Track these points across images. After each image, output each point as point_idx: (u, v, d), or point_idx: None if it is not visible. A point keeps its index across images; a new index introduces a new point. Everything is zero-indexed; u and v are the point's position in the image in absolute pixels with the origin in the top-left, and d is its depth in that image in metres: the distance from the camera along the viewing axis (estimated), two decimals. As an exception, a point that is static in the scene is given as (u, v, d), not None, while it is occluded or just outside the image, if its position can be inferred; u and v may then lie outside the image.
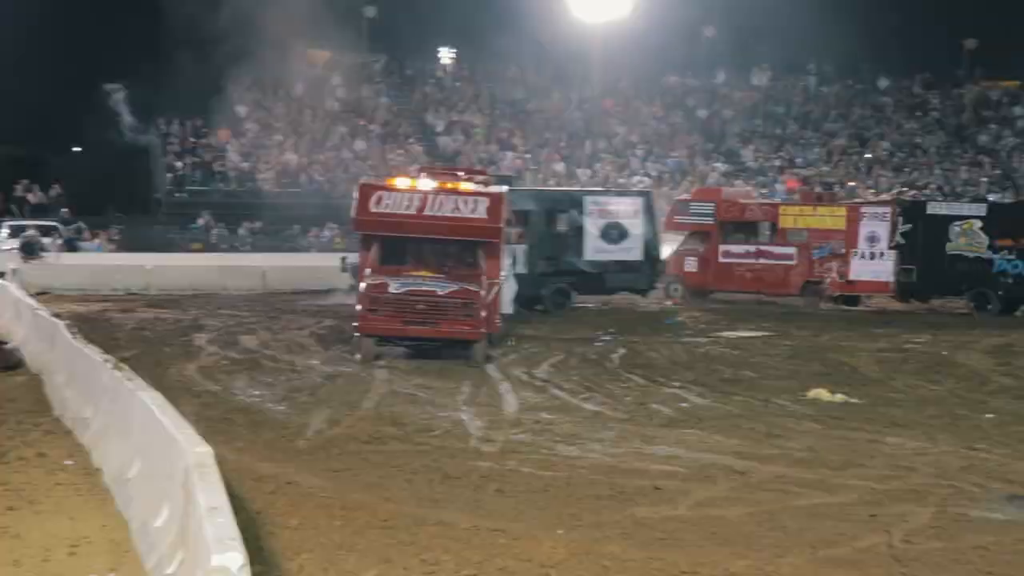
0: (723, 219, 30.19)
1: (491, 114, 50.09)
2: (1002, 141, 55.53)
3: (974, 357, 19.25)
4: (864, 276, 28.25)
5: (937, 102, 58.15)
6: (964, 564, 7.97)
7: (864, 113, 56.25)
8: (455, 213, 18.29)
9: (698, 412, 14.00)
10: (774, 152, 51.26)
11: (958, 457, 11.40)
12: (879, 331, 23.59)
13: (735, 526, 8.84)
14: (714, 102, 54.66)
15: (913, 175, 50.40)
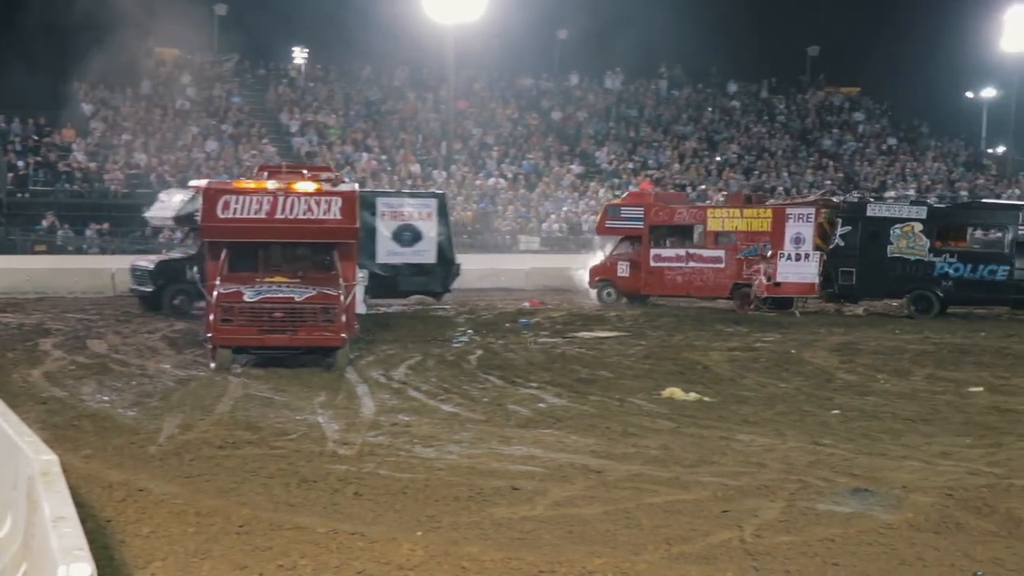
0: (653, 223, 30.33)
1: (346, 115, 49.73)
2: (844, 145, 57.35)
3: (820, 355, 19.79)
4: (790, 278, 28.29)
5: (783, 107, 59.75)
6: (812, 556, 8.17)
7: (714, 117, 57.49)
8: (308, 215, 17.66)
9: (555, 412, 14.10)
10: (628, 154, 51.99)
11: (806, 452, 11.69)
12: (730, 331, 24.10)
13: (592, 524, 8.93)
14: (568, 104, 55.20)
15: (761, 177, 51.69)
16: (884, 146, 58.12)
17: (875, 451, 11.83)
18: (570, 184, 48.05)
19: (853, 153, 56.87)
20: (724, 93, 59.82)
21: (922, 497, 9.68)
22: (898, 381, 17.04)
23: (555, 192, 47.25)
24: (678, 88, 59.14)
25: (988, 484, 10.15)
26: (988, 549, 8.30)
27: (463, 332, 22.98)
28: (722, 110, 58.32)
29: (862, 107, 61.42)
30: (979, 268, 27.24)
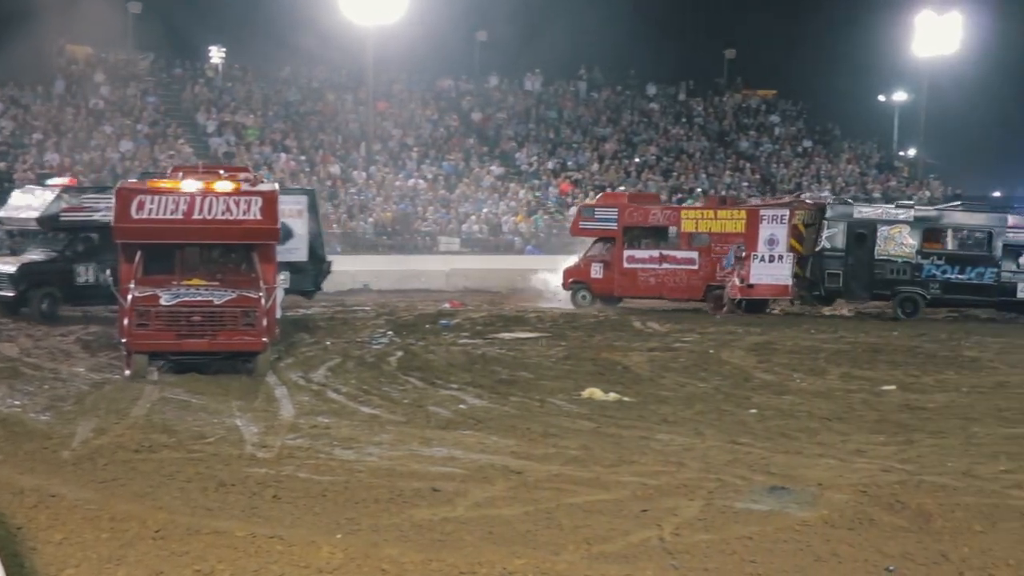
0: (626, 224, 30.08)
1: (264, 115, 49.27)
2: (761, 147, 58.06)
3: (737, 355, 20.01)
4: (764, 280, 28.16)
5: (701, 109, 60.33)
6: (730, 554, 8.25)
7: (633, 119, 57.84)
8: (227, 215, 17.17)
9: (475, 413, 14.10)
10: (547, 155, 52.15)
11: (724, 451, 11.81)
12: (650, 331, 24.28)
13: (512, 525, 8.93)
14: (488, 106, 55.23)
15: (680, 179, 52.13)
16: (800, 148, 58.91)
17: (791, 449, 11.99)
18: (490, 185, 48.07)
19: (770, 155, 57.58)
20: (643, 95, 60.23)
21: (837, 494, 9.82)
22: (814, 380, 17.28)
23: (475, 193, 47.24)
24: (597, 90, 59.44)
25: (900, 481, 10.33)
26: (899, 544, 8.45)
27: (383, 333, 22.88)
28: (641, 112, 58.73)
29: (778, 110, 62.21)
30: (967, 270, 27.69)
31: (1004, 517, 9.14)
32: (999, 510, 9.34)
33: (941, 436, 12.74)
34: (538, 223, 45.69)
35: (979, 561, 8.04)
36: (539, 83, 57.83)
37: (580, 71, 59.67)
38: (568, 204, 47.86)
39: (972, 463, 11.20)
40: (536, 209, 46.83)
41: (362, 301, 31.66)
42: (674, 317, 27.52)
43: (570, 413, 14.23)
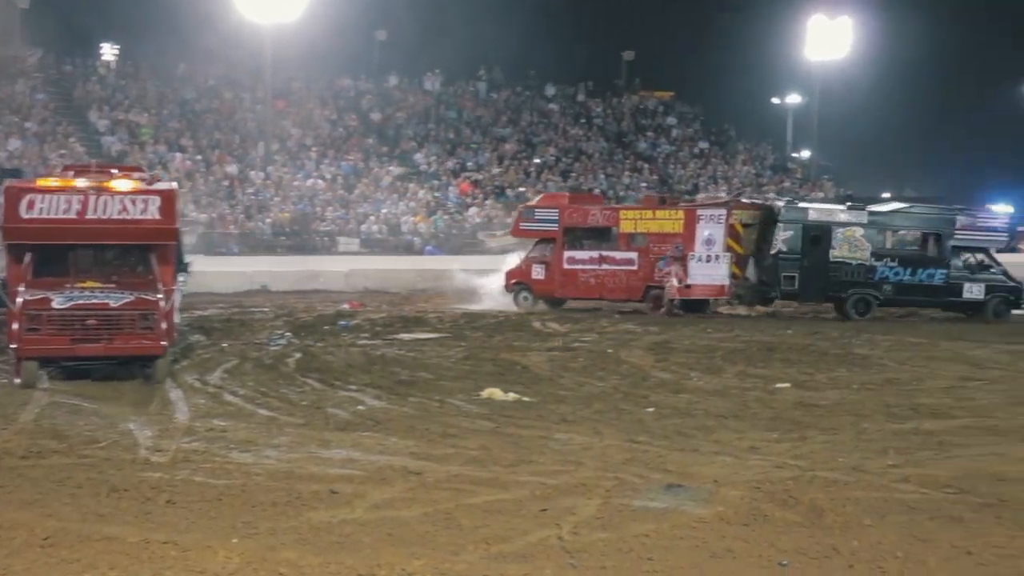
0: (567, 225, 29.94)
1: (159, 113, 48.51)
2: (659, 148, 58.69)
3: (636, 354, 20.18)
4: (700, 280, 28.09)
5: (600, 110, 60.79)
6: (627, 552, 8.32)
7: (532, 119, 58.07)
8: (123, 215, 16.65)
9: (374, 414, 14.03)
10: (447, 156, 52.12)
11: (621, 450, 11.89)
12: (549, 331, 24.38)
13: (411, 526, 8.91)
14: (388, 106, 55.04)
15: (579, 180, 52.46)
16: (696, 149, 59.69)
17: (688, 447, 12.12)
18: (390, 185, 47.92)
19: (667, 156, 58.25)
20: (542, 96, 60.54)
21: (732, 491, 9.95)
22: (710, 379, 17.50)
23: (375, 193, 47.05)
24: (497, 90, 59.61)
25: (793, 477, 10.50)
26: (793, 539, 8.59)
27: (281, 335, 22.67)
28: (540, 113, 59.00)
29: (675, 111, 62.97)
30: (918, 272, 28.14)
31: (892, 510, 9.35)
32: (887, 504, 9.55)
33: (833, 432, 12.98)
34: (438, 223, 45.66)
35: (868, 554, 8.21)
36: (439, 83, 57.81)
37: (480, 71, 59.80)
38: (468, 204, 47.91)
39: (862, 458, 11.43)
40: (436, 209, 46.80)
41: (260, 302, 31.35)
42: (573, 317, 27.68)
43: (469, 413, 14.22)
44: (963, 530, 8.81)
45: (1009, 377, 17.71)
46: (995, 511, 9.34)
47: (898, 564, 8.01)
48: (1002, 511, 9.34)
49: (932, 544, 8.43)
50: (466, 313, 28.16)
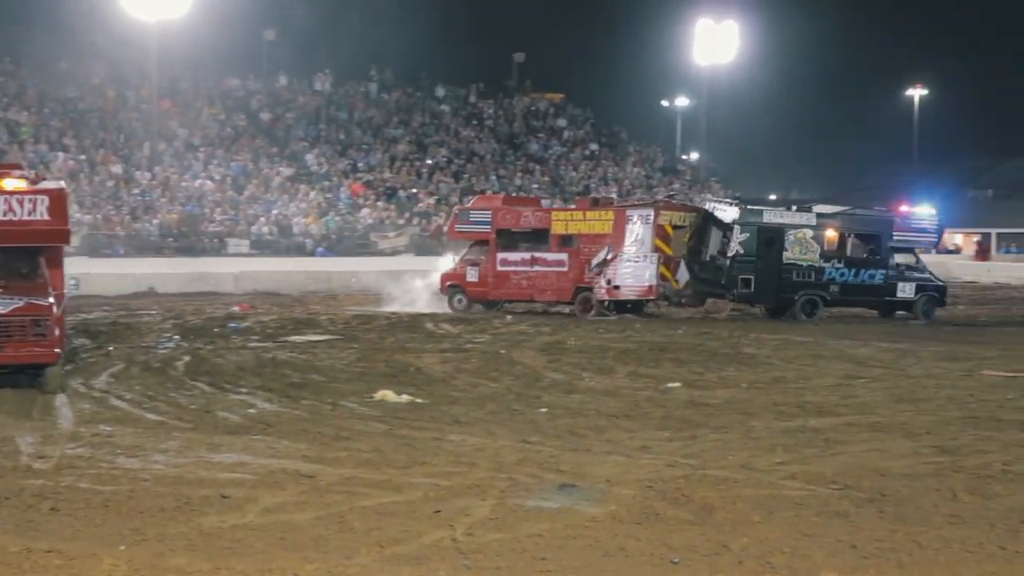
0: (500, 227, 29.73)
1: (39, 112, 47.36)
2: (550, 150, 59.01)
3: (528, 355, 20.26)
4: (628, 281, 27.92)
5: (491, 112, 60.91)
6: (521, 552, 8.34)
7: (424, 120, 57.98)
8: (9, 216, 15.78)
9: (266, 418, 13.88)
10: (338, 157, 51.77)
11: (515, 451, 11.93)
12: (442, 332, 24.36)
13: (304, 530, 8.83)
14: (277, 106, 54.48)
15: (471, 181, 52.51)
16: (587, 151, 60.14)
17: (581, 447, 12.19)
18: (280, 186, 47.44)
19: (559, 157, 58.58)
20: (433, 97, 60.46)
21: (624, 490, 10.04)
22: (602, 379, 17.64)
23: (265, 194, 46.54)
24: (388, 91, 59.37)
25: (684, 475, 10.63)
26: (684, 537, 8.70)
27: (169, 338, 22.31)
28: (432, 114, 58.92)
29: (566, 113, 63.36)
30: (861, 273, 28.50)
31: (780, 507, 9.52)
32: (775, 500, 9.72)
33: (723, 431, 13.17)
34: (329, 224, 45.35)
35: (757, 550, 8.35)
36: (329, 83, 57.43)
37: (371, 72, 59.54)
38: (359, 206, 47.65)
39: (751, 456, 11.61)
40: (327, 211, 46.46)
41: (147, 305, 30.82)
42: (467, 318, 27.70)
43: (362, 416, 14.15)
44: (847, 525, 9.00)
45: (891, 375, 18.16)
46: (878, 506, 9.56)
47: (785, 559, 8.15)
48: (884, 505, 9.56)
49: (818, 539, 8.59)
50: (358, 315, 28.00)
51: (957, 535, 8.66)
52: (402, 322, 26.47)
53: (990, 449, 11.98)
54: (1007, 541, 8.51)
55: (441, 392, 16.15)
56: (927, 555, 8.21)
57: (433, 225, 47.22)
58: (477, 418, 14.04)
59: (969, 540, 8.53)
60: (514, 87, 64.38)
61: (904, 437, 12.69)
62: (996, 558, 8.14)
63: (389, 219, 47.27)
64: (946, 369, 18.81)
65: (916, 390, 16.38)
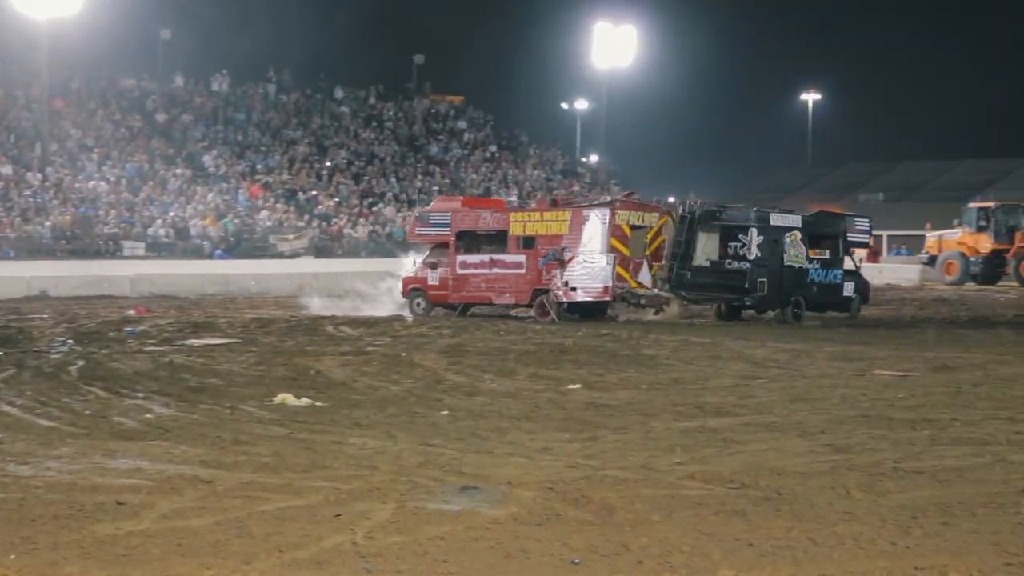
0: (459, 229, 29.23)
1: (-76, 111, 46.11)
2: (450, 152, 58.99)
3: (430, 357, 20.23)
4: (584, 283, 27.44)
5: (391, 114, 60.72)
6: (422, 555, 8.32)
7: (323, 122, 57.59)
8: None
9: (163, 423, 13.66)
10: (236, 159, 51.18)
11: (416, 453, 11.90)
12: (342, 335, 24.21)
13: (202, 536, 8.71)
14: (173, 106, 53.67)
15: (371, 183, 52.28)
16: (487, 153, 60.24)
17: (482, 449, 12.20)
18: (177, 188, 46.74)
19: (459, 160, 58.59)
20: (333, 99, 60.07)
21: (525, 492, 10.07)
22: (503, 381, 17.68)
23: (161, 196, 45.83)
24: (286, 92, 58.85)
25: (585, 476, 10.70)
26: (584, 537, 8.75)
27: (63, 342, 21.86)
28: (331, 115, 58.54)
29: (466, 116, 63.41)
30: (828, 274, 28.71)
31: (679, 507, 9.63)
32: (674, 500, 9.83)
33: (623, 432, 13.28)
34: (227, 227, 44.79)
35: (657, 549, 8.43)
36: (226, 84, 56.77)
37: (269, 73, 58.94)
38: (258, 208, 47.16)
39: (650, 456, 11.72)
40: (225, 213, 45.90)
41: (39, 308, 30.15)
42: (368, 321, 27.57)
43: (262, 419, 14.00)
44: (745, 523, 9.14)
45: (787, 375, 18.48)
46: (774, 504, 9.72)
47: (684, 558, 8.24)
48: (780, 504, 9.72)
49: (716, 538, 8.71)
50: (257, 318, 27.71)
51: (850, 532, 8.84)
52: (302, 325, 26.25)
53: (882, 447, 12.25)
54: (897, 537, 8.71)
55: (341, 395, 16.06)
56: (822, 552, 8.37)
57: (333, 227, 46.91)
58: (378, 421, 13.98)
59: (862, 537, 8.71)
60: (414, 89, 64.25)
61: (800, 436, 12.92)
62: (887, 554, 8.32)
63: (288, 221, 46.84)
64: (840, 369, 19.20)
65: (811, 390, 16.69)
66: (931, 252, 50.05)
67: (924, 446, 12.29)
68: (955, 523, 9.11)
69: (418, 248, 31.46)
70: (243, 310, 30.36)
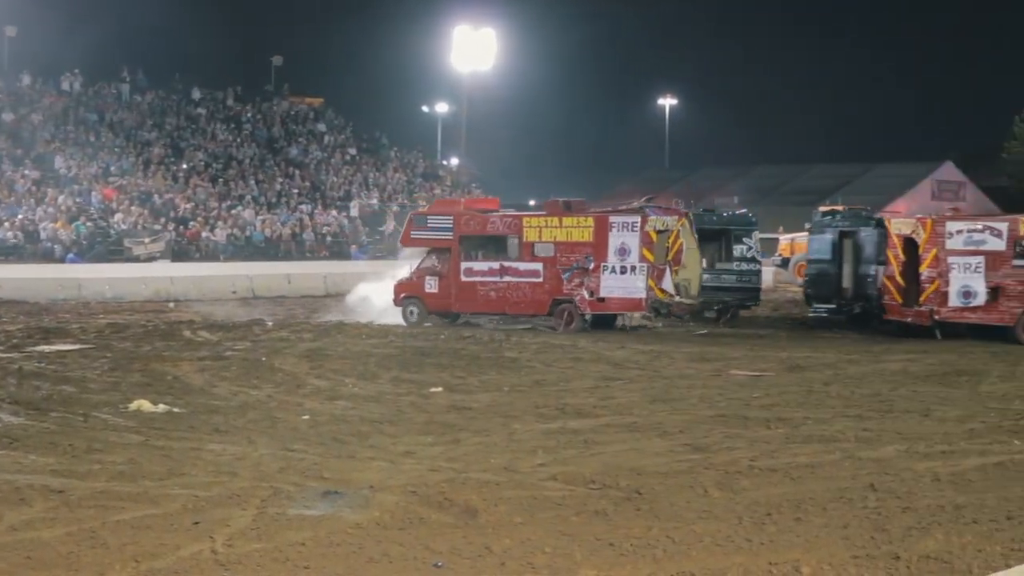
0: (463, 233, 27.38)
1: None
2: (310, 155, 58.44)
3: (290, 362, 20.00)
4: (615, 293, 25.89)
5: (250, 115, 59.90)
6: (283, 562, 8.24)
7: (179, 123, 56.51)
8: None
9: (11, 432, 13.24)
10: (88, 160, 49.86)
11: (277, 459, 11.77)
12: (200, 340, 23.80)
13: (53, 547, 8.48)
14: (21, 106, 52.07)
15: (229, 185, 51.49)
16: (348, 156, 59.83)
17: (344, 454, 12.14)
18: (26, 190, 45.35)
19: (319, 162, 58.07)
20: (189, 100, 59.01)
21: (388, 496, 10.05)
22: (365, 384, 17.59)
23: (8, 199, 44.39)
24: (141, 93, 57.58)
25: (447, 479, 10.72)
26: (447, 540, 8.77)
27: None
28: (187, 117, 57.48)
29: (325, 118, 62.90)
30: None
31: (541, 508, 9.71)
32: (537, 501, 9.91)
33: (485, 434, 13.33)
34: (80, 230, 43.61)
35: (519, 551, 8.49)
36: (78, 84, 55.27)
37: (123, 72, 57.60)
38: (112, 211, 46.05)
39: (513, 458, 11.80)
40: (78, 215, 44.67)
41: None
42: (226, 325, 27.13)
43: (116, 427, 13.68)
44: (606, 523, 9.26)
45: (646, 376, 18.76)
46: (634, 504, 9.87)
47: (546, 559, 8.32)
48: (640, 503, 9.88)
49: (577, 538, 8.80)
50: (112, 323, 27.06)
51: (708, 529, 9.02)
52: (158, 330, 25.72)
53: (738, 446, 12.53)
54: (753, 534, 8.92)
55: (200, 401, 15.79)
56: (680, 550, 8.53)
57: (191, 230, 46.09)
58: (238, 427, 13.79)
59: (719, 534, 8.90)
60: (272, 91, 63.49)
61: (659, 436, 13.14)
62: (743, 550, 8.52)
63: (144, 225, 45.81)
64: (697, 370, 19.57)
65: (670, 390, 16.98)
66: (784, 254, 51.27)
67: (778, 444, 12.61)
68: (807, 518, 9.37)
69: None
70: (97, 315, 29.61)
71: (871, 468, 11.25)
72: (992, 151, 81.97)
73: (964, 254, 24.17)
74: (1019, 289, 23.88)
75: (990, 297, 23.95)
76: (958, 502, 9.86)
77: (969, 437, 13.05)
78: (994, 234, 24.23)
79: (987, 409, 15.20)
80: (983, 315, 24.12)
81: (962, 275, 24.09)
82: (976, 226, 24.61)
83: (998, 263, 24.01)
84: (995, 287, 23.93)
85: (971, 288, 24.01)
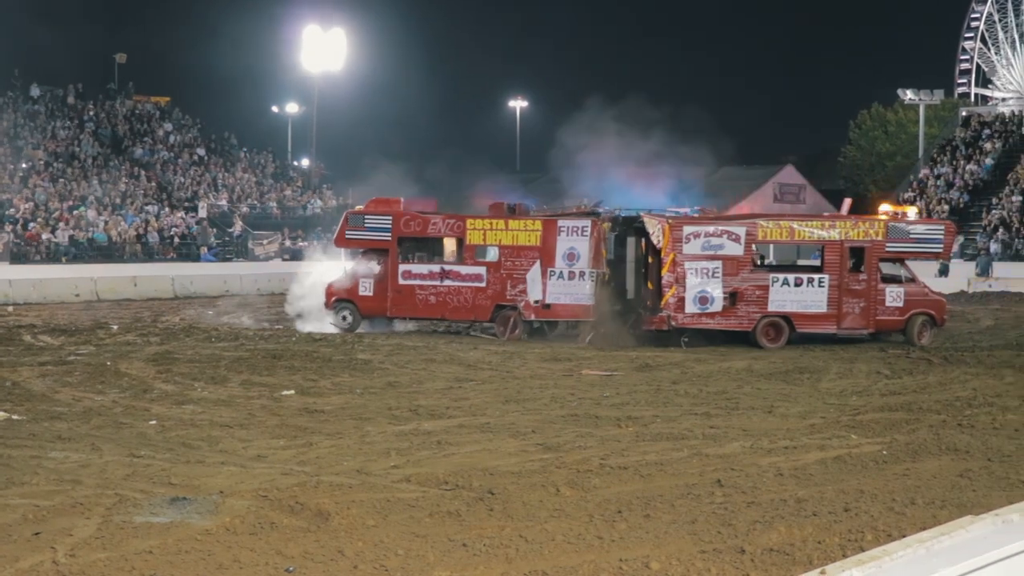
0: (402, 234, 26.23)
1: None
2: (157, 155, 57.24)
3: (136, 366, 19.56)
4: (562, 299, 25.15)
5: (92, 114, 58.39)
6: (129, 571, 8.06)
7: (18, 121, 54.80)
8: None
9: None
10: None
11: (123, 466, 11.50)
12: (42, 344, 23.11)
13: None
14: None
15: (70, 185, 50.10)
16: (195, 156, 58.77)
17: (193, 459, 11.92)
18: None
19: (165, 163, 56.92)
20: (28, 97, 57.26)
21: (238, 501, 9.90)
22: (215, 388, 17.30)
23: None
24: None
25: (300, 483, 10.61)
26: (299, 544, 8.69)
27: None
28: (26, 114, 55.76)
29: (172, 117, 61.67)
30: None
31: (394, 510, 9.69)
32: (390, 503, 9.88)
33: (338, 437, 13.25)
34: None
35: (372, 554, 8.46)
36: (-92, 80, 53.15)
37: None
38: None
39: (366, 461, 11.75)
40: (-92, 216, 42.98)
41: None
42: (68, 329, 26.39)
43: (-49, 436, 13.19)
44: (459, 523, 9.29)
45: (499, 377, 18.87)
46: (487, 504, 9.92)
47: (400, 561, 8.30)
48: (493, 503, 9.93)
49: (431, 539, 8.81)
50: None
51: (560, 528, 9.12)
52: None
53: (589, 445, 12.70)
54: (604, 531, 9.05)
55: (41, 407, 15.32)
56: (532, 549, 8.60)
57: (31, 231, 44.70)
58: (82, 433, 13.42)
59: (570, 532, 9.00)
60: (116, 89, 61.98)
61: (512, 436, 13.23)
62: (594, 547, 8.63)
63: (-21, 225, 44.27)
64: (549, 370, 19.76)
65: (523, 391, 17.11)
66: None
67: (628, 442, 12.82)
68: (656, 515, 9.55)
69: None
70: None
71: (718, 464, 11.52)
72: (830, 155, 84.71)
73: (701, 259, 23.67)
74: (758, 294, 23.66)
75: (728, 302, 23.65)
76: (799, 495, 10.16)
77: (810, 432, 13.47)
78: (732, 238, 23.79)
79: (827, 405, 15.72)
80: (721, 320, 23.78)
81: (698, 280, 23.61)
82: (713, 230, 23.95)
83: (736, 268, 23.72)
84: (733, 292, 23.63)
85: (708, 294, 23.59)
